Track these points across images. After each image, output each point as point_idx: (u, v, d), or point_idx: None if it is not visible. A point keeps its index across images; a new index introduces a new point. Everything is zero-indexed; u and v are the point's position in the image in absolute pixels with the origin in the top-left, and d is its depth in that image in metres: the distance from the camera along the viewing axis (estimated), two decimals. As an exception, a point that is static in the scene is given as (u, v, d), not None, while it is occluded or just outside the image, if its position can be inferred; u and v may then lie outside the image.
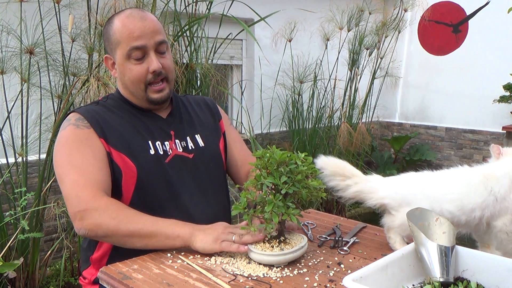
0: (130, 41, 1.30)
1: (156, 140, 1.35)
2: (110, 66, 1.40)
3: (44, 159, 2.51)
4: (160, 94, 1.36)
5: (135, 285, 0.99)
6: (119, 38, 1.31)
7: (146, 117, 1.39)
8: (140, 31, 1.30)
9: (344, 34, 4.30)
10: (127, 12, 1.34)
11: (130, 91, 1.37)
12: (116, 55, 1.34)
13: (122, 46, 1.31)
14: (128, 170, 1.29)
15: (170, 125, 1.41)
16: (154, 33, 1.32)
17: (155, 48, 1.33)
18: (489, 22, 4.79)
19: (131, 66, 1.32)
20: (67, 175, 1.23)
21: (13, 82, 2.52)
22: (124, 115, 1.36)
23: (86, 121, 1.30)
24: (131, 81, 1.34)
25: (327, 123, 4.39)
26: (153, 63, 1.31)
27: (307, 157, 1.13)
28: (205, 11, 2.85)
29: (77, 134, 1.28)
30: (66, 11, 2.51)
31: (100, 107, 1.37)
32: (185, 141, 1.42)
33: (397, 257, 0.99)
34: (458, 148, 5.19)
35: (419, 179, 1.25)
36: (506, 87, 4.44)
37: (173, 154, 1.37)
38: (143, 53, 1.31)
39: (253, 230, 1.09)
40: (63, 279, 2.71)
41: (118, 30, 1.32)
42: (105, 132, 1.29)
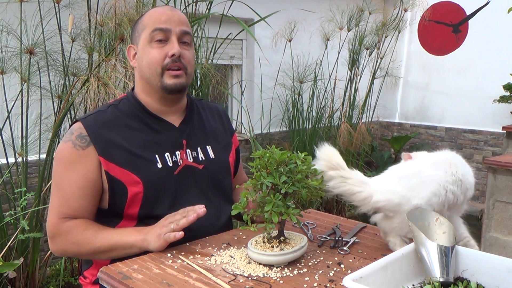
0: (156, 23, 1.30)
1: (164, 151, 1.33)
2: (131, 56, 1.38)
3: (44, 159, 2.51)
4: (176, 80, 1.32)
5: (135, 285, 0.99)
6: (146, 22, 1.32)
7: (157, 125, 1.35)
8: (167, 17, 1.31)
9: (344, 34, 4.30)
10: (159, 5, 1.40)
11: (146, 78, 1.33)
12: (140, 40, 1.33)
13: (146, 30, 1.31)
14: (133, 186, 1.27)
15: (182, 133, 1.38)
16: (181, 22, 1.32)
17: (179, 35, 1.32)
18: (489, 22, 4.79)
19: (151, 49, 1.31)
20: (52, 195, 1.31)
21: (13, 82, 2.53)
22: (134, 124, 1.33)
23: (87, 138, 1.27)
24: (148, 64, 1.31)
25: (327, 123, 4.40)
26: (173, 47, 1.30)
27: (307, 156, 1.13)
28: (205, 11, 2.85)
29: (71, 155, 1.27)
30: (66, 11, 2.51)
31: (110, 116, 1.32)
32: (195, 151, 1.39)
33: (397, 257, 0.99)
34: (458, 148, 5.19)
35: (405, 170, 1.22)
36: (506, 87, 4.44)
37: (183, 165, 1.35)
38: (165, 37, 1.30)
39: (253, 229, 1.09)
40: (63, 279, 2.71)
41: (146, 16, 1.33)
42: (108, 149, 1.27)
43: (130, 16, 2.36)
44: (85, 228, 1.26)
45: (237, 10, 2.86)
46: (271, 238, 1.14)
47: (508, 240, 2.88)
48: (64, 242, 1.27)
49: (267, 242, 1.13)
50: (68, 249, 1.28)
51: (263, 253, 1.08)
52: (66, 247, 1.28)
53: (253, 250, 1.10)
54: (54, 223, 1.27)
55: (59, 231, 1.26)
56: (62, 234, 1.26)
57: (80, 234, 1.25)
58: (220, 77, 3.00)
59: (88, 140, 1.27)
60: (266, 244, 1.12)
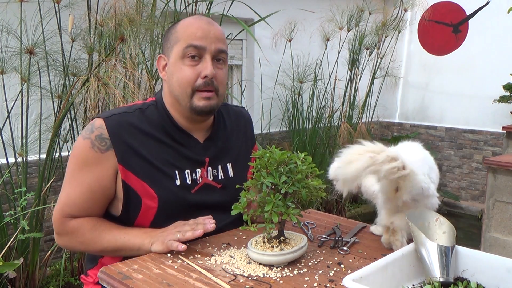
0: (190, 39, 1.23)
1: (185, 169, 1.28)
2: (161, 67, 1.31)
3: (44, 159, 2.51)
4: (207, 102, 1.25)
5: (135, 285, 0.99)
6: (180, 36, 1.25)
7: (183, 140, 1.30)
8: (204, 33, 1.23)
9: (344, 34, 4.30)
10: (195, 16, 1.30)
11: (174, 95, 1.27)
12: (172, 53, 1.26)
13: (180, 44, 1.24)
14: (148, 200, 1.24)
15: (206, 151, 1.33)
16: (217, 39, 1.25)
17: (214, 54, 1.25)
18: (489, 22, 4.79)
19: (183, 66, 1.24)
20: (63, 189, 1.28)
21: (13, 82, 2.53)
22: (159, 135, 1.27)
23: (108, 141, 1.21)
24: (178, 82, 1.25)
25: (327, 123, 4.40)
26: (207, 68, 1.23)
27: (307, 156, 1.13)
28: (205, 11, 2.85)
29: (88, 155, 1.22)
30: (66, 11, 2.51)
31: (135, 121, 1.26)
32: (216, 169, 1.35)
33: (397, 257, 0.99)
34: (458, 148, 5.19)
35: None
36: (506, 87, 4.44)
37: (202, 183, 1.31)
38: (199, 54, 1.23)
39: (253, 229, 1.09)
40: (63, 279, 2.71)
41: (181, 29, 1.26)
42: (128, 157, 1.23)
43: (130, 16, 2.36)
44: (91, 226, 1.25)
45: (237, 10, 2.86)
46: (271, 238, 1.14)
47: (508, 240, 2.88)
48: (70, 240, 1.27)
49: (267, 242, 1.13)
50: (75, 247, 1.30)
51: (263, 253, 1.08)
52: (72, 245, 1.30)
53: (253, 250, 1.10)
54: (59, 220, 1.26)
55: (64, 230, 1.26)
56: (68, 233, 1.26)
57: (87, 234, 1.24)
58: (220, 77, 2.98)
59: (108, 144, 1.22)
60: (266, 244, 1.12)
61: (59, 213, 1.26)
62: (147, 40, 2.52)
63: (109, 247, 1.23)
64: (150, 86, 2.48)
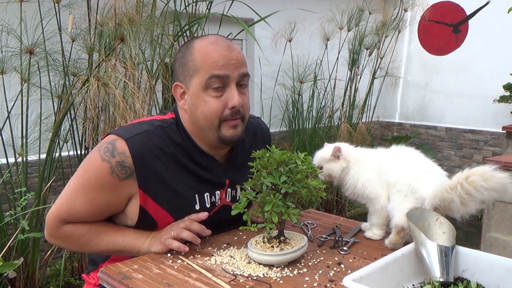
0: (212, 68, 1.16)
1: (205, 192, 1.25)
2: (179, 95, 1.24)
3: (44, 159, 2.51)
4: (235, 130, 1.21)
5: (135, 285, 0.99)
6: (199, 65, 1.17)
7: (203, 162, 1.26)
8: (225, 61, 1.16)
9: (344, 34, 4.30)
10: (211, 38, 1.20)
11: (199, 126, 1.22)
12: (192, 83, 1.19)
13: (201, 74, 1.17)
14: (164, 224, 1.22)
15: (226, 173, 1.30)
16: (240, 64, 1.19)
17: (238, 80, 1.19)
18: (489, 22, 4.79)
19: (208, 98, 1.17)
20: (65, 193, 1.22)
21: (13, 82, 2.52)
22: (179, 156, 1.22)
23: (130, 169, 1.16)
24: (204, 115, 1.19)
25: (327, 123, 4.40)
26: (234, 98, 1.17)
27: (307, 156, 1.13)
28: (205, 11, 2.85)
29: (105, 179, 1.16)
30: (66, 11, 2.51)
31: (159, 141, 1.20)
32: (235, 190, 1.33)
33: (397, 257, 0.99)
34: (458, 148, 5.19)
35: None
36: (506, 87, 4.44)
37: (221, 205, 1.30)
38: (223, 84, 1.17)
39: (253, 229, 1.09)
40: (63, 279, 2.71)
41: (199, 56, 1.17)
42: (150, 183, 1.18)
43: (130, 16, 2.36)
44: (86, 231, 1.22)
45: (237, 10, 2.86)
46: (271, 238, 1.14)
47: (508, 240, 2.88)
48: (63, 243, 1.27)
49: (267, 242, 1.13)
50: (68, 248, 1.33)
51: (263, 253, 1.08)
52: (65, 247, 1.32)
53: (253, 250, 1.10)
54: (54, 223, 1.22)
55: (58, 233, 1.23)
56: (61, 237, 1.24)
57: (81, 239, 1.22)
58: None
59: (129, 172, 1.16)
60: (266, 244, 1.12)
61: (56, 218, 1.22)
62: (147, 40, 2.52)
63: (106, 250, 1.23)
64: (150, 86, 2.48)
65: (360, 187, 1.28)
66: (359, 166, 1.30)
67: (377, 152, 1.34)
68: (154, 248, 1.17)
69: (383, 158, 1.29)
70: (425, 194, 1.14)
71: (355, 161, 1.31)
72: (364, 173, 1.29)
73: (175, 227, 1.19)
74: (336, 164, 1.31)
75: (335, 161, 1.31)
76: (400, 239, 1.18)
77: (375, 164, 1.29)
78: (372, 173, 1.28)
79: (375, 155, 1.32)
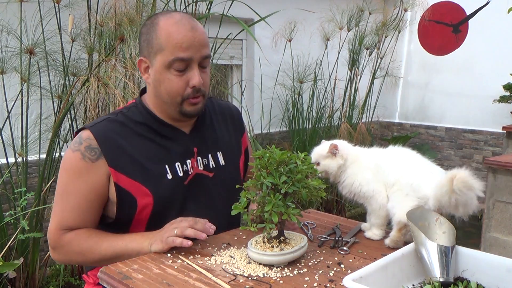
0: (176, 50, 1.21)
1: (175, 161, 1.30)
2: (143, 69, 1.29)
3: (44, 159, 2.51)
4: (195, 107, 1.28)
5: (135, 285, 0.99)
6: (163, 44, 1.21)
7: (169, 134, 1.32)
8: (188, 43, 1.21)
9: (344, 34, 4.30)
10: (176, 17, 1.24)
11: (162, 100, 1.28)
12: (155, 60, 1.24)
13: (164, 54, 1.22)
14: (143, 198, 1.25)
15: (193, 141, 1.35)
16: (202, 46, 1.24)
17: (200, 62, 1.25)
18: (489, 22, 4.79)
19: (171, 76, 1.23)
20: (55, 204, 1.27)
21: (13, 82, 2.53)
22: (144, 132, 1.29)
23: (98, 150, 1.23)
24: (167, 91, 1.25)
25: (327, 123, 4.40)
26: (195, 77, 1.23)
27: (307, 156, 1.13)
28: (205, 11, 2.85)
29: (80, 166, 1.23)
30: (66, 11, 2.51)
31: (118, 126, 1.27)
32: (206, 158, 1.36)
33: (397, 257, 0.99)
34: (458, 148, 5.19)
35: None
36: (506, 87, 4.44)
37: (194, 173, 1.32)
38: (186, 65, 1.23)
39: (253, 229, 1.09)
40: (63, 279, 2.71)
41: (163, 35, 1.21)
42: (118, 160, 1.24)
43: (130, 16, 2.36)
44: (87, 236, 1.25)
45: (237, 10, 2.86)
46: (271, 238, 1.14)
47: (508, 240, 2.88)
48: (67, 252, 1.26)
49: (267, 242, 1.13)
50: (72, 258, 1.29)
51: (263, 253, 1.08)
52: (69, 257, 1.28)
53: (253, 250, 1.10)
54: (55, 234, 1.25)
55: (60, 243, 1.25)
56: (64, 245, 1.25)
57: (83, 243, 1.24)
58: (220, 77, 2.99)
59: (98, 152, 1.23)
60: (266, 244, 1.12)
61: (56, 227, 1.25)
62: (147, 40, 2.51)
63: (107, 255, 1.22)
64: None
65: (357, 186, 1.28)
66: (356, 165, 1.30)
67: (374, 151, 1.34)
68: (155, 246, 1.17)
69: (381, 157, 1.29)
70: (429, 193, 1.14)
71: (352, 159, 1.31)
72: (361, 172, 1.29)
73: (176, 225, 1.19)
74: (333, 161, 1.31)
75: (332, 158, 1.31)
76: (401, 236, 1.18)
77: (372, 163, 1.29)
78: (369, 172, 1.28)
79: (373, 154, 1.32)
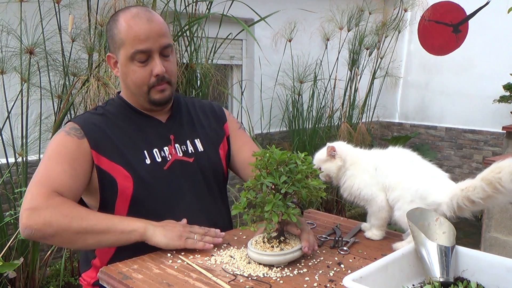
0: (135, 43, 1.27)
1: (152, 147, 1.34)
2: (112, 64, 1.37)
3: (44, 159, 2.50)
4: (162, 94, 1.34)
5: (135, 285, 0.99)
6: (123, 38, 1.28)
7: (145, 123, 1.38)
8: (146, 34, 1.27)
9: (344, 34, 4.30)
10: (133, 11, 1.30)
11: (132, 92, 1.36)
12: (120, 54, 1.32)
13: (126, 47, 1.29)
14: (123, 181, 1.28)
15: (170, 129, 1.40)
16: (159, 36, 1.29)
17: (160, 51, 1.31)
18: (489, 22, 4.79)
19: (135, 68, 1.30)
20: (37, 173, 1.23)
21: (13, 82, 2.53)
22: (122, 123, 1.35)
23: (81, 131, 1.28)
24: (133, 82, 1.32)
25: (327, 123, 4.39)
26: (156, 66, 1.29)
27: (307, 156, 1.13)
28: (205, 11, 2.85)
29: (65, 141, 1.26)
30: (66, 11, 2.51)
31: (98, 117, 1.35)
32: (185, 145, 1.41)
33: (397, 257, 0.99)
34: (458, 148, 5.19)
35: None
36: (506, 87, 4.44)
37: (172, 159, 1.36)
38: (147, 56, 1.29)
39: (253, 229, 1.09)
40: (63, 279, 2.71)
41: (123, 30, 1.29)
42: (99, 143, 1.28)
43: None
44: (77, 205, 1.22)
45: (237, 10, 2.86)
46: (271, 238, 1.14)
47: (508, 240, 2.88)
48: (52, 214, 1.13)
49: (267, 242, 1.13)
50: (54, 221, 1.13)
51: (263, 253, 1.09)
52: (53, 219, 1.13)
53: (253, 250, 1.10)
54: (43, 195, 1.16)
55: (46, 204, 1.15)
56: (50, 206, 1.15)
57: (74, 208, 1.18)
58: (220, 77, 2.99)
59: (82, 133, 1.28)
60: (266, 244, 1.12)
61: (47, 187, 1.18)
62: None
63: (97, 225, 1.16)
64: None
65: (356, 189, 1.29)
66: (355, 167, 1.30)
67: (373, 153, 1.33)
68: (172, 241, 1.16)
69: (380, 159, 1.29)
70: (440, 199, 1.14)
71: (351, 161, 1.31)
72: (360, 174, 1.29)
73: (189, 229, 1.21)
74: (332, 164, 1.31)
75: (331, 160, 1.31)
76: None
77: (370, 165, 1.29)
78: (367, 175, 1.28)
79: (372, 156, 1.32)
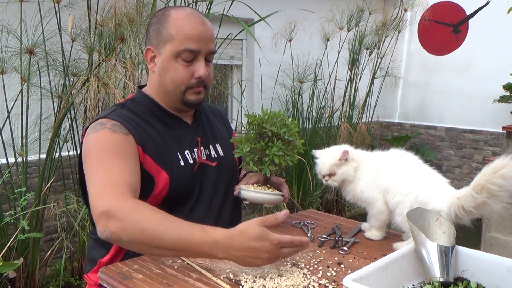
0: (186, 41, 1.25)
1: (184, 149, 1.33)
2: (149, 58, 1.33)
3: (44, 159, 2.51)
4: (198, 96, 1.32)
5: (135, 285, 0.99)
6: (174, 34, 1.26)
7: (174, 124, 1.35)
8: (198, 35, 1.26)
9: (344, 34, 4.30)
10: (187, 10, 1.31)
11: (165, 89, 1.31)
12: (164, 49, 1.28)
13: (174, 43, 1.26)
14: (161, 182, 1.25)
15: (196, 131, 1.40)
16: (210, 40, 1.30)
17: (206, 55, 1.30)
18: (489, 22, 4.79)
19: (177, 65, 1.27)
20: (94, 175, 1.14)
21: (13, 82, 2.53)
22: (153, 121, 1.31)
23: (124, 127, 1.22)
24: (172, 80, 1.29)
25: (327, 123, 4.39)
26: (201, 69, 1.28)
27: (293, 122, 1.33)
28: (205, 11, 2.85)
29: (113, 138, 1.20)
30: (66, 11, 2.51)
31: (131, 114, 1.28)
32: (208, 149, 1.40)
33: (397, 257, 0.99)
34: (458, 148, 5.19)
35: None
36: (506, 87, 4.44)
37: (199, 162, 1.35)
38: (193, 57, 1.28)
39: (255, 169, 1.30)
40: (63, 279, 2.71)
41: (175, 26, 1.26)
42: (144, 141, 1.24)
43: (130, 16, 2.36)
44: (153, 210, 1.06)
45: (237, 10, 2.86)
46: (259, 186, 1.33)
47: (508, 240, 2.88)
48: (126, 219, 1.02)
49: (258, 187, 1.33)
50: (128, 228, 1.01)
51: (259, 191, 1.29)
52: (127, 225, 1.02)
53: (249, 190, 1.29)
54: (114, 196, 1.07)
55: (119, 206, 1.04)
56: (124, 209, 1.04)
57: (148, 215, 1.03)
58: (220, 77, 3.00)
59: (126, 130, 1.22)
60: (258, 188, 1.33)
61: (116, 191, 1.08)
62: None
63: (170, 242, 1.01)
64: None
65: (359, 191, 1.29)
66: (359, 170, 1.30)
67: (375, 155, 1.34)
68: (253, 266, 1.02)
69: (381, 162, 1.29)
70: (439, 207, 1.14)
71: (357, 164, 1.31)
72: (363, 177, 1.29)
73: (278, 250, 0.99)
74: (348, 166, 1.29)
75: (346, 164, 1.30)
76: None
77: (372, 167, 1.29)
78: (369, 177, 1.28)
79: (374, 159, 1.32)
